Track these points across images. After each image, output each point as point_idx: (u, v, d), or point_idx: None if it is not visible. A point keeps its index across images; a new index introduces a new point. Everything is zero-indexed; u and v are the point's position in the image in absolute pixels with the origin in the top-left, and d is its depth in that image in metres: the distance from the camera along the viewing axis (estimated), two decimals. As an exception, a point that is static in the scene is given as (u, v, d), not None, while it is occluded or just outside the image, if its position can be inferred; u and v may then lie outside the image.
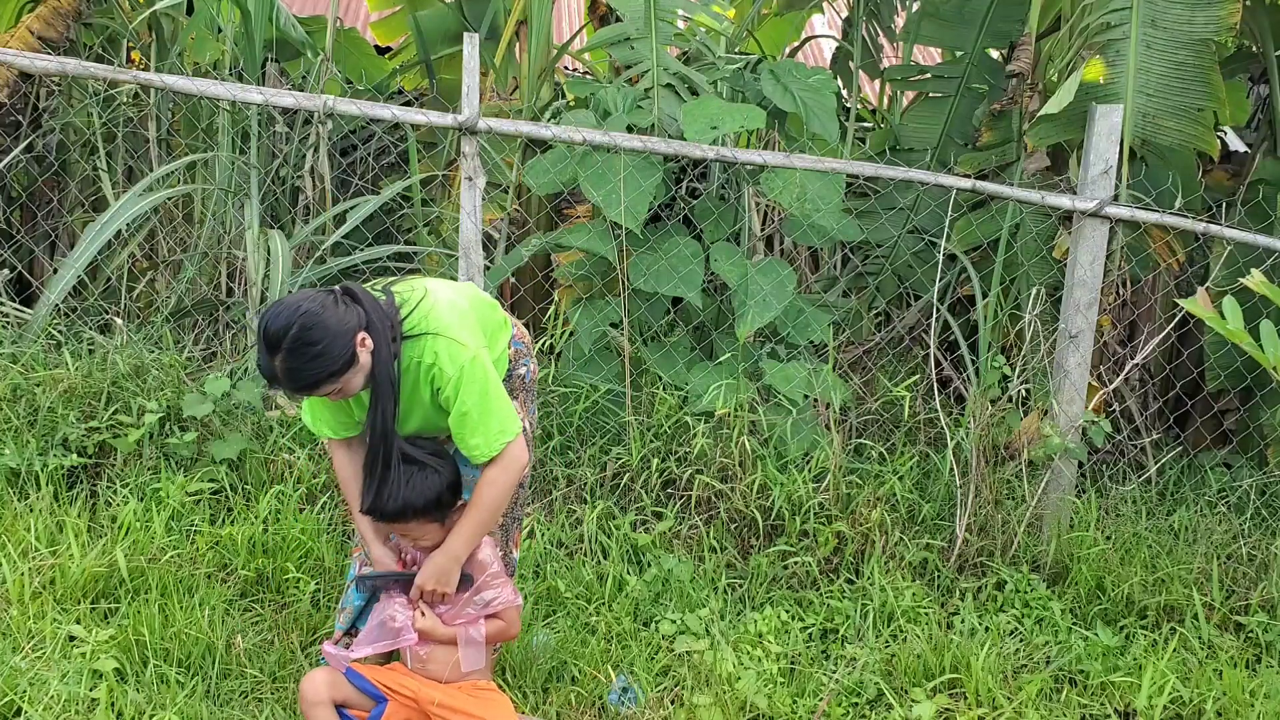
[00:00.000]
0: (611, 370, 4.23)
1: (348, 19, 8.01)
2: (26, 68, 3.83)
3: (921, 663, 3.21)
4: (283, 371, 2.31)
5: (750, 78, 4.72)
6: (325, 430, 2.64)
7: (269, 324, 2.30)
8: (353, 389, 2.42)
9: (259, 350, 2.32)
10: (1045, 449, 3.89)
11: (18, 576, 3.04)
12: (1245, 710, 3.11)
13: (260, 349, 2.31)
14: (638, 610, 3.39)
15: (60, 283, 4.03)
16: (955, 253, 4.67)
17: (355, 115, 4.05)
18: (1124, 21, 4.28)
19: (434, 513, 2.57)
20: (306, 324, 2.29)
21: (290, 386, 2.35)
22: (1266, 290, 2.35)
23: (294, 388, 2.35)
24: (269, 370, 2.33)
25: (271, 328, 2.30)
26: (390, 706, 2.58)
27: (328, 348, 2.31)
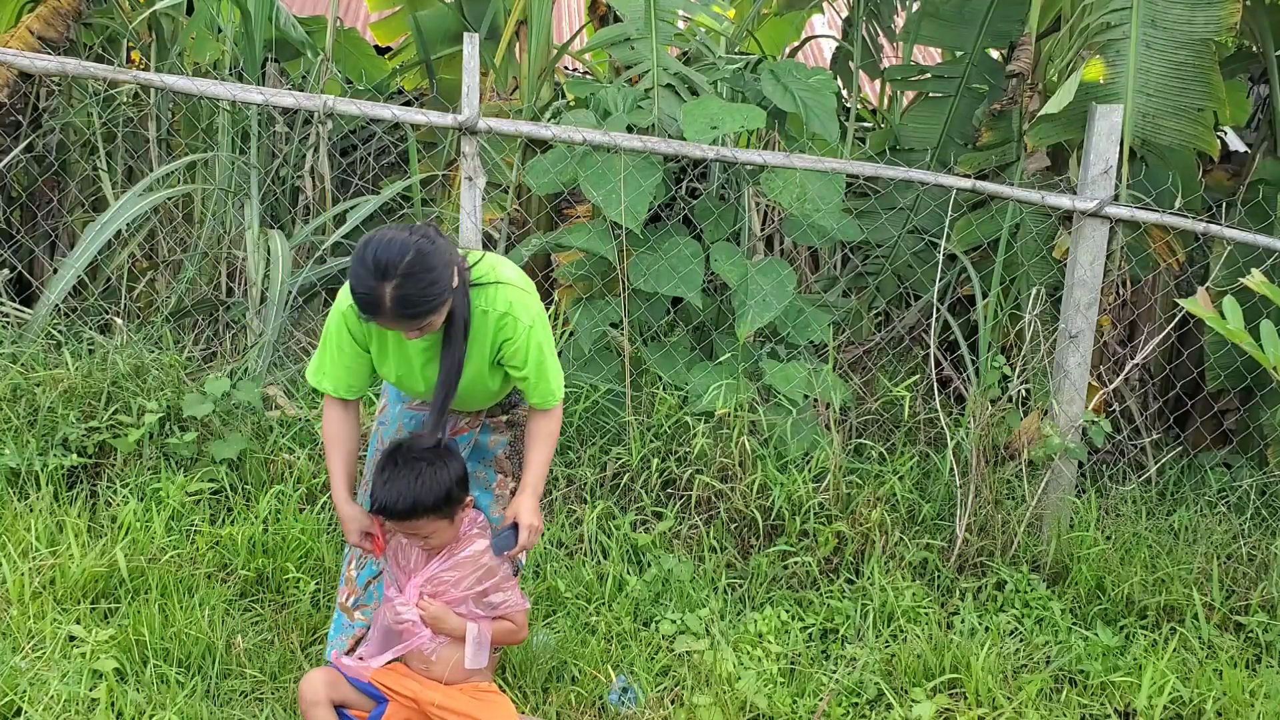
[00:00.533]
0: (611, 370, 4.23)
1: (348, 19, 8.01)
2: (26, 68, 3.83)
3: (921, 663, 3.21)
4: (394, 298, 2.24)
5: (750, 78, 4.72)
6: (334, 386, 2.57)
7: (379, 252, 2.24)
8: (435, 326, 2.38)
9: (362, 278, 2.24)
10: (1045, 449, 3.89)
11: (18, 576, 3.04)
12: (1245, 710, 3.11)
13: (366, 277, 2.23)
14: (638, 610, 3.39)
15: (60, 283, 4.03)
16: (955, 253, 4.67)
17: (355, 115, 4.06)
18: (1124, 21, 4.28)
19: (444, 509, 2.55)
20: (423, 250, 2.27)
21: (397, 313, 2.27)
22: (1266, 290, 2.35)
23: (401, 314, 2.27)
24: (374, 297, 2.24)
25: (384, 255, 2.24)
26: (390, 707, 2.57)
27: (439, 275, 2.29)
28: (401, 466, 2.49)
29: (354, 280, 2.27)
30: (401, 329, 2.34)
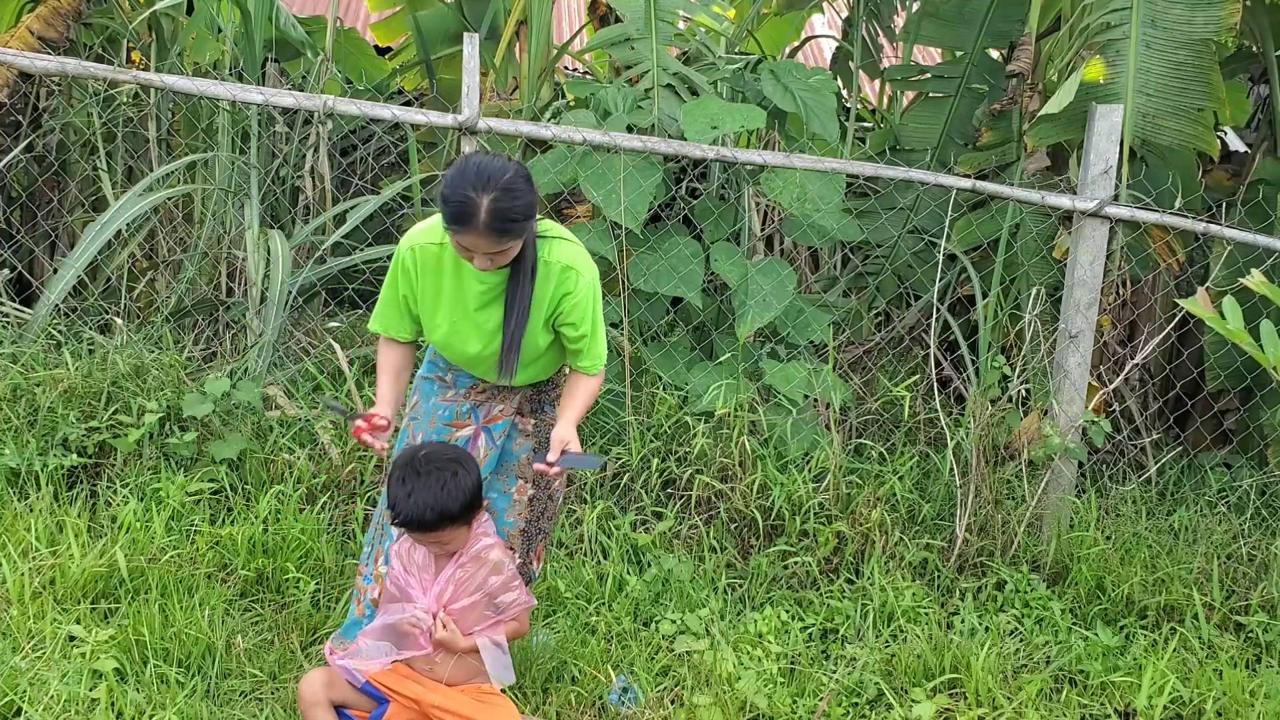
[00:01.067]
0: (611, 370, 4.23)
1: (348, 19, 8.01)
2: (26, 68, 3.83)
3: (921, 663, 3.21)
4: (490, 210, 2.32)
5: (750, 78, 4.72)
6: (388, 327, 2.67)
7: (481, 165, 2.35)
8: (510, 255, 2.44)
9: (459, 187, 2.32)
10: (1045, 449, 3.89)
11: (18, 576, 3.04)
12: (1245, 710, 3.11)
13: (464, 186, 2.32)
14: (638, 610, 3.39)
15: (60, 283, 4.03)
16: (955, 253, 4.67)
17: (355, 115, 4.06)
18: (1124, 21, 4.28)
19: (467, 515, 2.56)
20: (521, 172, 2.39)
21: (490, 225, 2.33)
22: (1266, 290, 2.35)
23: (492, 227, 2.34)
24: (471, 207, 2.31)
25: (488, 169, 2.34)
26: (391, 708, 2.57)
27: (530, 197, 2.40)
28: (423, 477, 2.48)
29: (450, 189, 2.33)
30: (485, 246, 2.37)
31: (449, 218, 2.37)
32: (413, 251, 2.59)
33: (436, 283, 2.59)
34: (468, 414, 2.77)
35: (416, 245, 2.59)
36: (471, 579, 2.62)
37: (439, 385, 2.79)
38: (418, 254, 2.59)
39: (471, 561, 2.62)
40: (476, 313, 2.59)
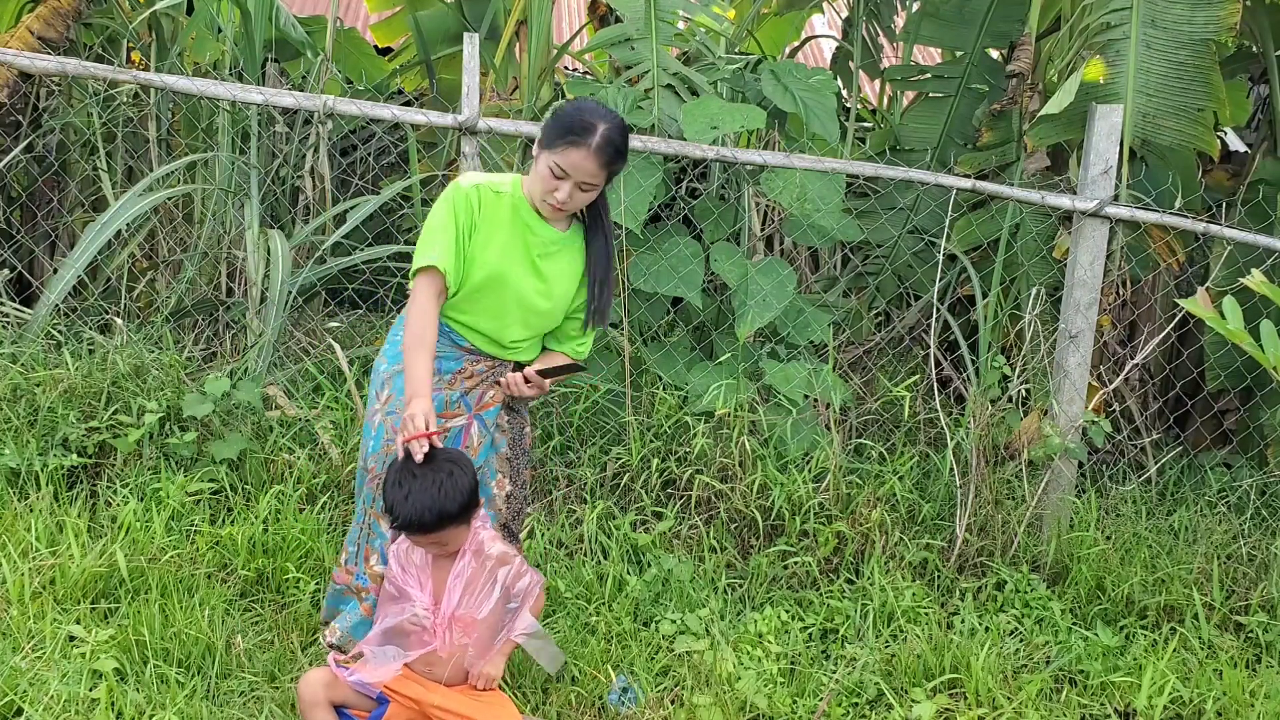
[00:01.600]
0: (611, 370, 4.23)
1: (348, 19, 8.01)
2: (26, 68, 3.83)
3: (921, 663, 3.21)
4: (605, 136, 2.53)
5: (750, 78, 4.72)
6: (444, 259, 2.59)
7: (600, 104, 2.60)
8: (590, 198, 2.65)
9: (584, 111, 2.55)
10: (1045, 449, 3.89)
11: (18, 576, 3.04)
12: (1245, 710, 3.11)
13: (588, 112, 2.55)
14: (638, 610, 3.39)
15: (60, 283, 4.03)
16: (955, 253, 4.67)
17: (355, 115, 4.06)
18: (1124, 21, 4.28)
19: (466, 514, 2.56)
20: (626, 123, 2.62)
21: (602, 149, 2.53)
22: (1266, 290, 2.35)
23: (604, 151, 2.54)
24: (592, 126, 2.52)
25: (606, 107, 2.60)
26: (391, 708, 2.57)
27: (628, 147, 2.63)
28: (419, 479, 2.47)
29: (569, 109, 2.57)
30: (588, 169, 2.55)
31: (566, 129, 2.53)
32: (478, 189, 2.65)
33: (495, 224, 2.65)
34: (458, 402, 2.75)
35: (481, 184, 2.65)
36: (479, 575, 2.62)
37: None
38: (482, 192, 2.65)
39: (475, 557, 2.62)
40: (526, 264, 2.68)
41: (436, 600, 2.62)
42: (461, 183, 2.66)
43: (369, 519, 2.77)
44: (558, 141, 2.54)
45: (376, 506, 2.74)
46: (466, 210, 2.63)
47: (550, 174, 2.57)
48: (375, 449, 2.74)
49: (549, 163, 2.56)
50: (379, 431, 2.75)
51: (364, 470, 2.79)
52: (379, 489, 2.70)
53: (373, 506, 2.76)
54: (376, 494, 2.73)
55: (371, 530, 2.77)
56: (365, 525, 2.79)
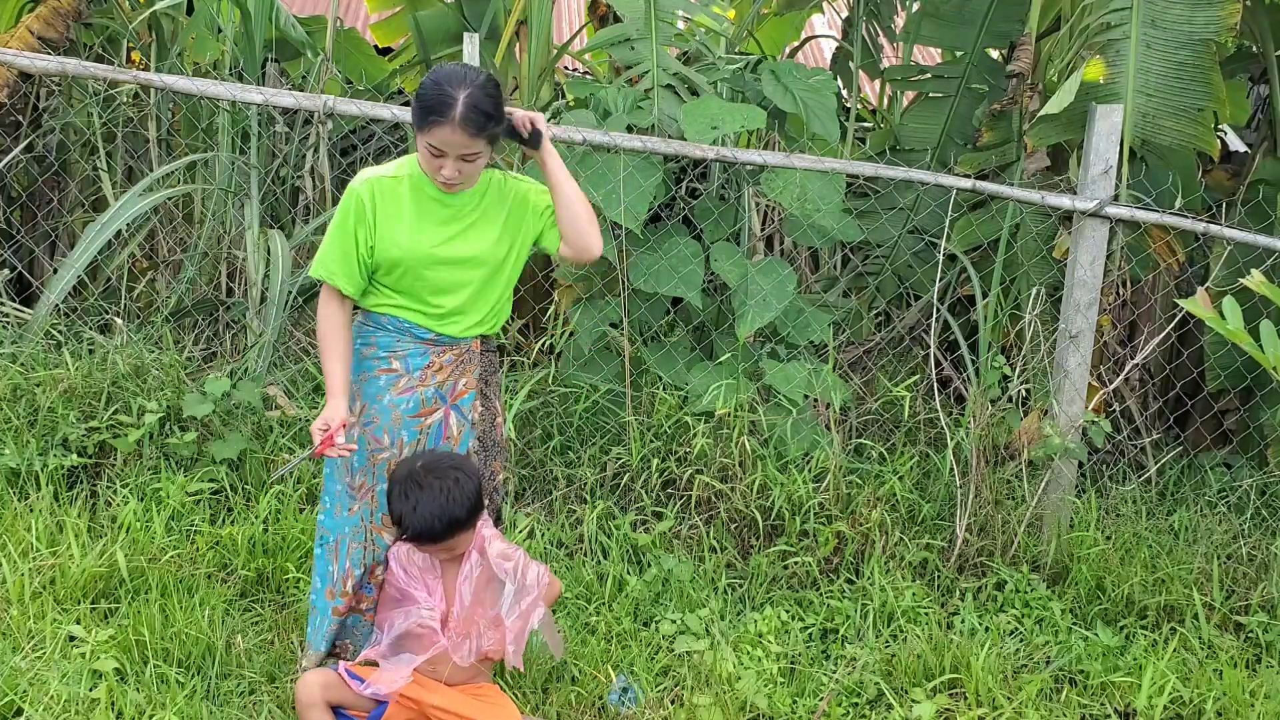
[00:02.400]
0: (611, 370, 4.23)
1: (348, 19, 8.01)
2: (26, 68, 3.83)
3: (921, 663, 3.21)
4: (467, 103, 2.45)
5: (750, 78, 4.72)
6: (334, 273, 2.60)
7: (456, 69, 2.51)
8: (477, 168, 2.59)
9: (438, 82, 2.47)
10: (1045, 449, 3.89)
11: (18, 576, 3.04)
12: (1245, 710, 3.11)
13: (442, 82, 2.47)
14: (638, 610, 3.39)
15: (60, 283, 4.03)
16: (955, 253, 4.67)
17: (355, 115, 4.05)
18: (1124, 21, 4.28)
19: (473, 519, 2.57)
20: (491, 77, 2.55)
21: (466, 118, 2.46)
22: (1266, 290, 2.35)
23: (469, 119, 2.47)
24: (450, 98, 2.45)
25: (463, 71, 2.51)
26: (390, 708, 2.57)
27: (500, 100, 2.56)
28: (425, 489, 2.48)
29: (427, 85, 2.48)
30: (459, 143, 2.49)
31: (426, 110, 2.46)
32: (368, 184, 2.61)
33: (395, 209, 2.62)
34: (434, 397, 2.71)
35: (370, 178, 2.63)
36: (485, 573, 2.62)
37: (387, 378, 2.67)
38: (374, 186, 2.61)
39: (481, 557, 2.63)
40: (453, 222, 2.65)
41: (449, 602, 2.62)
42: (354, 184, 2.62)
43: (370, 535, 2.74)
44: (423, 122, 2.49)
45: (375, 519, 2.72)
46: (358, 211, 2.59)
47: (429, 154, 2.53)
48: (361, 462, 2.71)
49: (423, 144, 2.53)
50: (360, 445, 2.69)
51: (351, 488, 2.73)
52: (375, 500, 2.69)
53: (372, 521, 2.73)
54: (374, 507, 2.70)
55: (375, 545, 2.75)
56: (368, 543, 2.75)
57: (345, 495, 2.75)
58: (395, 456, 2.68)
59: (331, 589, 2.77)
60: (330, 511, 2.77)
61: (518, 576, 2.63)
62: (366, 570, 2.77)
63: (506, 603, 2.61)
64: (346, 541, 2.76)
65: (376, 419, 2.68)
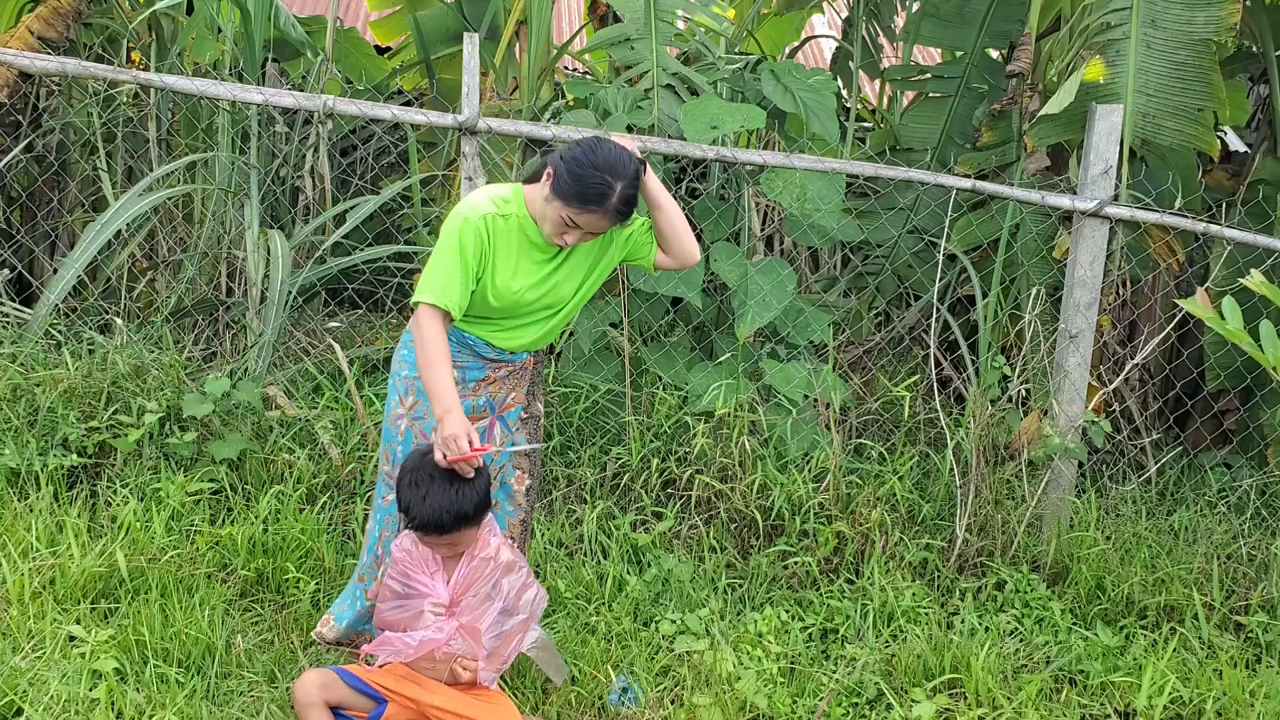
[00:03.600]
0: (611, 370, 4.23)
1: (348, 19, 8.01)
2: (26, 68, 3.83)
3: (921, 663, 3.21)
4: (620, 198, 2.54)
5: (750, 78, 4.72)
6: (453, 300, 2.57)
7: (612, 154, 2.56)
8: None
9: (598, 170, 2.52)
10: (1045, 449, 3.89)
11: (18, 576, 3.04)
12: (1245, 710, 3.11)
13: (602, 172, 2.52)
14: (638, 610, 3.39)
15: (60, 283, 4.03)
16: (955, 253, 4.67)
17: (355, 115, 4.05)
18: (1124, 21, 4.28)
19: (479, 515, 2.58)
20: (636, 159, 2.62)
21: (617, 209, 2.56)
22: (1266, 290, 2.35)
23: (619, 211, 2.57)
24: (607, 191, 2.52)
25: (619, 157, 2.56)
26: (390, 709, 2.57)
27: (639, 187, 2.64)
28: (436, 480, 2.49)
29: (587, 169, 2.52)
30: (602, 227, 2.60)
31: (583, 198, 2.52)
32: (485, 222, 2.60)
33: (505, 250, 2.64)
34: (484, 406, 2.80)
35: (488, 215, 2.61)
36: (481, 579, 2.63)
37: None
38: (490, 223, 2.61)
39: (482, 562, 2.63)
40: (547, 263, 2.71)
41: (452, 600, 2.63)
42: (470, 216, 2.60)
43: (403, 526, 2.75)
44: (574, 202, 2.53)
45: None
46: (476, 248, 2.59)
47: (562, 221, 2.57)
48: (406, 454, 2.72)
49: (563, 214, 2.56)
50: (406, 437, 2.75)
51: (389, 478, 2.78)
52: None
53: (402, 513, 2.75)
54: None
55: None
56: (396, 534, 2.80)
57: (383, 483, 2.81)
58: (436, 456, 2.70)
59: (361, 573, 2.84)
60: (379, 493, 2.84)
61: (508, 595, 2.63)
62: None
63: (489, 618, 2.62)
64: (378, 530, 2.83)
65: (427, 416, 2.72)
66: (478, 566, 2.63)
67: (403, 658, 2.57)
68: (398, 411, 2.77)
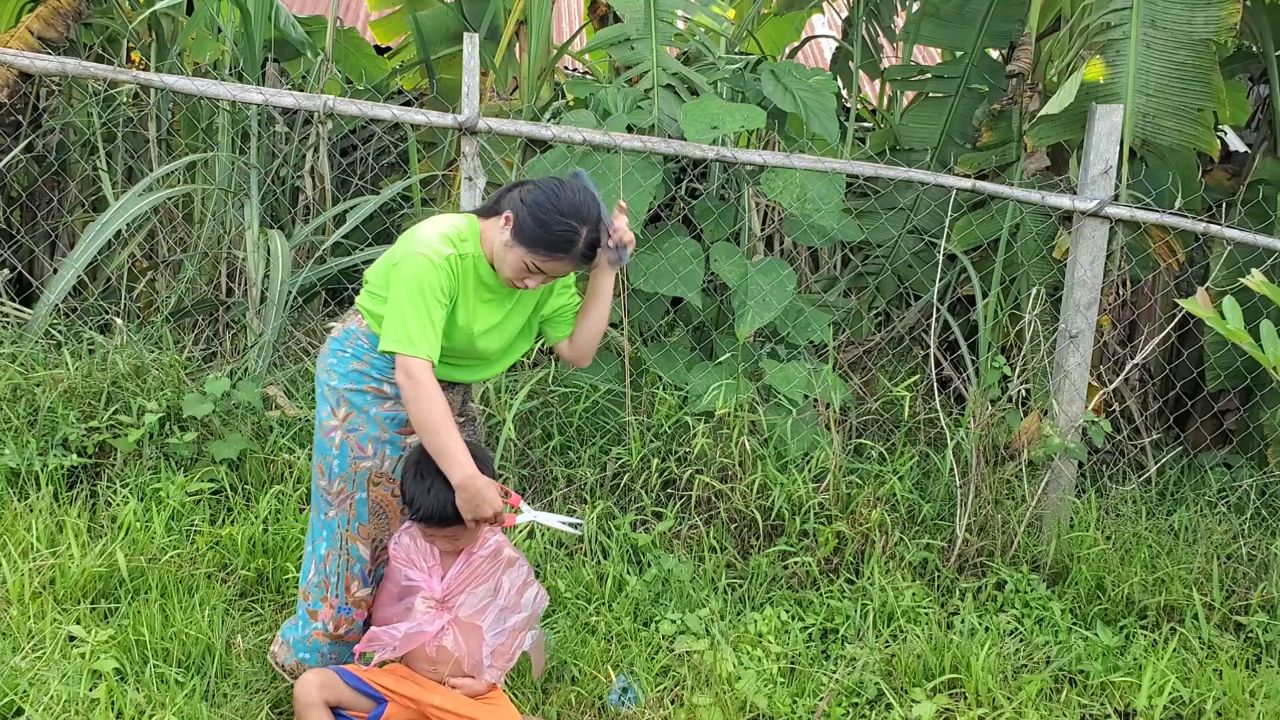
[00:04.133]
0: (611, 370, 4.23)
1: (348, 19, 8.01)
2: (26, 68, 3.83)
3: (921, 663, 3.21)
4: (585, 243, 2.48)
5: (750, 78, 4.72)
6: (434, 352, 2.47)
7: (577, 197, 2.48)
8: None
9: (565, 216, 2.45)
10: (1045, 449, 3.89)
11: (18, 576, 3.04)
12: (1245, 710, 3.11)
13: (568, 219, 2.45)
14: (638, 610, 3.39)
15: (60, 283, 4.03)
16: (955, 253, 4.67)
17: (355, 115, 4.05)
18: (1124, 21, 4.28)
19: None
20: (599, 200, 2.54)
21: (583, 254, 2.50)
22: (1266, 290, 2.35)
23: (586, 257, 2.52)
24: (576, 237, 2.47)
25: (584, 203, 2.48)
26: (390, 709, 2.57)
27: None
28: (441, 473, 2.48)
29: (552, 215, 2.45)
30: (566, 272, 2.56)
31: (549, 245, 2.45)
32: (448, 262, 2.48)
33: (464, 289, 2.56)
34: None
35: (452, 256, 2.49)
36: (480, 578, 2.63)
37: (374, 396, 2.61)
38: (455, 264, 2.51)
39: (481, 560, 2.63)
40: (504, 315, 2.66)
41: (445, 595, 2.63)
42: (433, 258, 2.46)
43: (345, 543, 2.67)
44: (539, 249, 2.45)
45: (353, 528, 2.66)
46: (448, 286, 2.49)
47: (525, 268, 2.49)
48: (342, 468, 2.63)
49: (526, 260, 2.47)
50: (342, 450, 2.62)
51: (327, 494, 2.66)
52: (353, 509, 2.64)
53: (348, 529, 2.66)
54: (351, 515, 2.65)
55: (350, 555, 2.68)
56: (343, 551, 2.68)
57: (320, 499, 2.68)
58: (377, 467, 2.63)
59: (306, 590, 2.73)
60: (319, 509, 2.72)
61: (509, 593, 2.64)
62: (339, 580, 2.69)
63: (490, 616, 2.62)
64: (324, 548, 2.70)
65: (362, 427, 2.62)
66: (476, 564, 2.63)
67: (391, 652, 2.57)
68: (330, 423, 2.62)
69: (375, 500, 2.66)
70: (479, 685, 2.62)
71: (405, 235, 2.58)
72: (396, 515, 2.70)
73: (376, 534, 2.69)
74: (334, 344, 2.66)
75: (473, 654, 2.62)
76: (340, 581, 2.70)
